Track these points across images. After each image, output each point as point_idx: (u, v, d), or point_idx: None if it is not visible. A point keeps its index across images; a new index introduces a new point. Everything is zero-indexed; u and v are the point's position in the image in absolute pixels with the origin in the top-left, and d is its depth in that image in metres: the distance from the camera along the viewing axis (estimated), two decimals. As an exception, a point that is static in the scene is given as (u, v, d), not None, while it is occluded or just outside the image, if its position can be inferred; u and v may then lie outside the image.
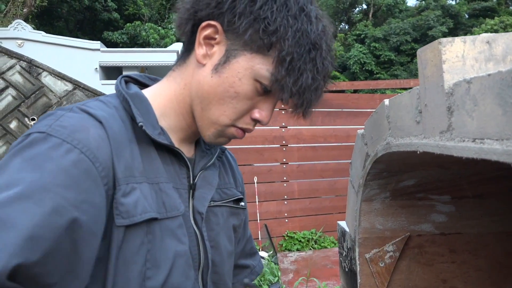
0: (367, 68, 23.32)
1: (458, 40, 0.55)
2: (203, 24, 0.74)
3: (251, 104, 0.75)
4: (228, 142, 0.81)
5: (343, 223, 1.18)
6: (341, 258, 1.19)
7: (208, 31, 0.74)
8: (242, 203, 0.94)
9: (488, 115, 0.45)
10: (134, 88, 0.79)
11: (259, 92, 0.74)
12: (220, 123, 0.76)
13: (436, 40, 0.56)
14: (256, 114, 0.76)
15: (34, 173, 0.58)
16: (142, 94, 0.77)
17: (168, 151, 0.77)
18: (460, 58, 0.54)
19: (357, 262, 0.98)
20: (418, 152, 0.63)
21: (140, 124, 0.71)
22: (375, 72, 23.46)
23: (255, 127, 0.81)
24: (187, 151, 0.83)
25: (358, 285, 0.98)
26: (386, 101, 0.76)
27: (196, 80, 0.76)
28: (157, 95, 0.80)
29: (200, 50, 0.75)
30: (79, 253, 0.60)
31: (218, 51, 0.74)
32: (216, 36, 0.74)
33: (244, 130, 0.79)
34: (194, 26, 0.76)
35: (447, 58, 0.55)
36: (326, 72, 0.73)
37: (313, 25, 0.71)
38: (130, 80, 0.85)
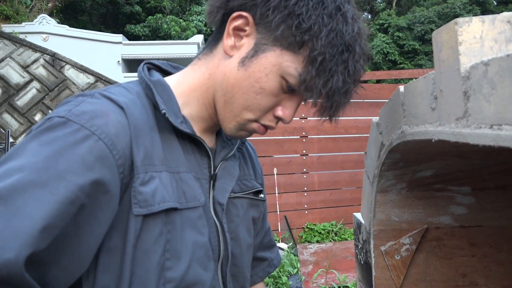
0: (390, 58, 22.86)
1: (476, 20, 0.51)
2: (234, 14, 0.72)
3: (276, 101, 0.73)
4: (249, 136, 0.80)
5: (358, 215, 1.15)
6: (356, 251, 1.17)
7: (238, 22, 0.72)
8: (262, 195, 0.92)
9: (506, 99, 0.42)
10: (156, 75, 0.78)
11: (284, 90, 0.72)
12: (243, 117, 0.74)
13: (453, 20, 0.52)
14: (279, 112, 0.75)
15: (49, 159, 0.58)
16: (164, 81, 0.76)
17: (189, 140, 0.76)
18: (478, 39, 0.51)
19: (372, 254, 0.95)
20: (433, 141, 0.60)
21: (163, 111, 0.70)
22: (398, 62, 22.99)
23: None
24: (209, 141, 0.82)
25: (373, 278, 0.95)
26: (401, 88, 0.73)
27: (221, 72, 0.75)
28: (180, 83, 0.78)
29: (228, 41, 0.73)
30: (80, 237, 0.60)
31: (246, 43, 0.72)
32: (246, 28, 0.72)
33: (266, 127, 0.77)
34: (224, 16, 0.74)
35: (463, 39, 0.51)
36: (358, 75, 0.71)
37: (349, 25, 0.68)
38: (152, 67, 0.84)
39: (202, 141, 0.76)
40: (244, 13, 0.71)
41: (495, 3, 27.27)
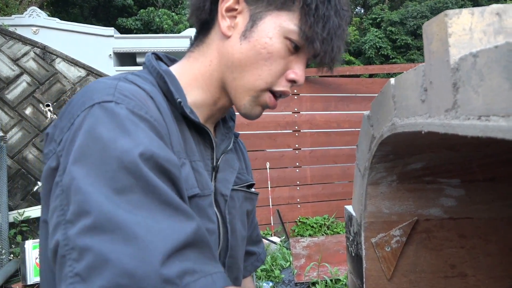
0: (383, 52, 22.91)
1: (465, 11, 0.51)
2: None
3: (284, 63, 0.75)
4: (262, 112, 0.81)
5: (350, 207, 1.16)
6: (347, 243, 1.18)
7: (229, 3, 0.74)
8: (253, 189, 0.93)
9: (494, 90, 0.42)
10: (163, 65, 0.78)
11: (290, 50, 0.74)
12: (256, 88, 0.75)
13: (442, 12, 0.52)
14: (291, 74, 0.76)
15: (148, 140, 0.56)
16: (171, 71, 0.77)
17: (195, 130, 0.76)
18: (467, 31, 0.51)
19: (363, 246, 0.96)
20: (423, 132, 0.60)
21: (178, 100, 0.71)
22: (391, 57, 23.04)
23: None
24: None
25: (364, 269, 0.96)
26: (392, 80, 0.73)
27: (224, 53, 0.76)
28: (181, 74, 0.79)
29: (224, 23, 0.75)
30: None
31: (242, 20, 0.75)
32: (237, 7, 0.74)
33: (280, 95, 0.78)
34: (212, 4, 0.76)
35: (453, 31, 0.51)
36: (347, 19, 0.75)
37: None
38: (156, 57, 0.84)
39: (209, 132, 0.77)
40: None
41: (487, -2, 27.37)
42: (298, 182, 5.23)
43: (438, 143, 0.77)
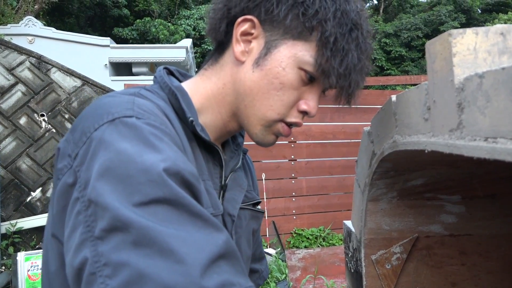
0: (377, 64, 23.10)
1: (469, 31, 0.51)
2: (239, 19, 0.71)
3: (297, 94, 0.72)
4: (276, 140, 0.79)
5: (349, 223, 1.15)
6: (346, 259, 1.16)
7: (244, 27, 0.72)
8: (259, 207, 0.91)
9: (501, 112, 0.42)
10: (175, 81, 0.76)
11: (304, 81, 0.71)
12: (268, 118, 0.73)
13: (446, 32, 0.52)
14: (303, 105, 0.74)
15: (171, 152, 0.56)
16: (184, 88, 0.74)
17: (205, 148, 0.75)
18: (471, 51, 0.51)
19: (363, 263, 0.95)
20: (426, 151, 0.60)
21: (191, 119, 0.69)
22: (385, 68, 23.23)
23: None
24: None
25: (364, 287, 0.95)
26: (393, 97, 0.73)
27: (236, 79, 0.74)
28: (193, 92, 0.77)
29: (238, 47, 0.73)
30: None
31: (256, 45, 0.72)
32: (253, 31, 0.72)
33: (292, 125, 0.76)
34: (228, 26, 0.74)
35: (457, 51, 0.51)
36: (368, 52, 0.72)
37: (351, 4, 0.69)
38: (168, 72, 0.82)
39: (220, 150, 0.76)
40: (248, 16, 0.71)
41: (480, 11, 27.78)
42: (293, 193, 5.22)
43: (439, 160, 0.76)
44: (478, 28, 0.51)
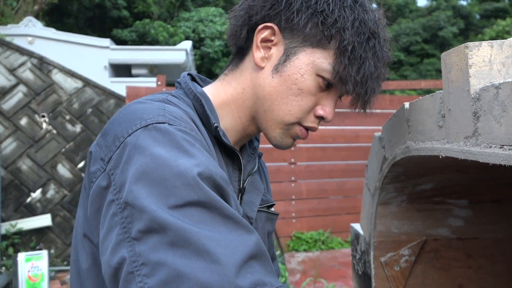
0: (376, 68, 23.16)
1: (485, 44, 0.54)
2: (260, 27, 0.74)
3: (314, 100, 0.75)
4: (294, 142, 0.81)
5: (357, 226, 1.17)
6: (354, 261, 1.18)
7: (265, 34, 0.74)
8: (273, 209, 0.94)
9: (518, 122, 0.44)
10: (199, 87, 0.79)
11: (322, 87, 0.74)
12: (286, 122, 0.76)
13: (462, 44, 0.55)
14: (320, 111, 0.76)
15: (202, 157, 0.58)
16: (206, 94, 0.77)
17: (225, 152, 0.77)
18: (487, 62, 0.54)
19: (372, 265, 0.97)
20: (441, 157, 0.62)
21: (215, 125, 0.71)
22: (384, 73, 23.29)
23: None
24: None
25: (373, 288, 0.97)
26: (406, 105, 0.76)
27: (256, 84, 0.77)
28: (214, 97, 0.79)
29: (258, 54, 0.76)
30: None
31: (276, 52, 0.75)
32: (273, 38, 0.75)
33: (308, 129, 0.79)
34: (249, 32, 0.77)
35: (473, 62, 0.54)
36: (386, 60, 0.74)
37: (369, 14, 0.72)
38: (190, 78, 0.84)
39: (240, 155, 0.78)
40: (269, 24, 0.74)
41: (478, 17, 27.93)
42: (293, 197, 5.24)
43: (449, 165, 0.79)
44: (493, 41, 0.54)
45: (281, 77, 0.73)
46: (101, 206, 0.57)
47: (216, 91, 0.81)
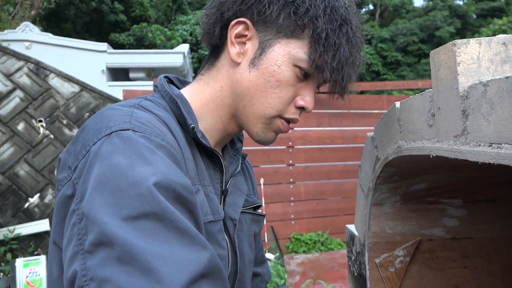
0: (373, 69, 23.21)
1: (473, 41, 0.53)
2: (233, 22, 0.74)
3: (294, 91, 0.75)
4: (276, 138, 0.81)
5: (351, 227, 1.16)
6: (349, 262, 1.17)
7: (238, 29, 0.74)
8: (260, 211, 0.93)
9: (505, 119, 0.43)
10: (176, 89, 0.78)
11: (299, 78, 0.74)
12: (267, 115, 0.76)
13: (450, 42, 0.54)
14: (300, 101, 0.76)
15: (164, 167, 0.56)
16: (183, 96, 0.77)
17: (205, 154, 0.76)
18: (475, 60, 0.53)
19: (367, 266, 0.96)
20: (432, 156, 0.61)
21: (192, 126, 0.71)
22: (381, 73, 23.34)
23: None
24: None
25: (368, 290, 0.96)
26: (397, 104, 0.75)
27: (233, 80, 0.76)
28: (192, 98, 0.79)
29: (233, 50, 0.75)
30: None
31: (251, 46, 0.75)
32: (247, 33, 0.74)
33: (290, 121, 0.78)
34: (222, 29, 0.77)
35: (461, 60, 0.53)
36: (359, 46, 0.75)
37: (339, 1, 0.73)
38: (168, 80, 0.84)
39: (220, 156, 0.77)
40: (241, 19, 0.74)
41: (475, 16, 27.99)
42: (292, 198, 5.23)
43: (441, 164, 0.78)
44: (481, 38, 0.53)
45: (258, 71, 0.73)
46: (66, 215, 0.56)
47: (194, 92, 0.80)
